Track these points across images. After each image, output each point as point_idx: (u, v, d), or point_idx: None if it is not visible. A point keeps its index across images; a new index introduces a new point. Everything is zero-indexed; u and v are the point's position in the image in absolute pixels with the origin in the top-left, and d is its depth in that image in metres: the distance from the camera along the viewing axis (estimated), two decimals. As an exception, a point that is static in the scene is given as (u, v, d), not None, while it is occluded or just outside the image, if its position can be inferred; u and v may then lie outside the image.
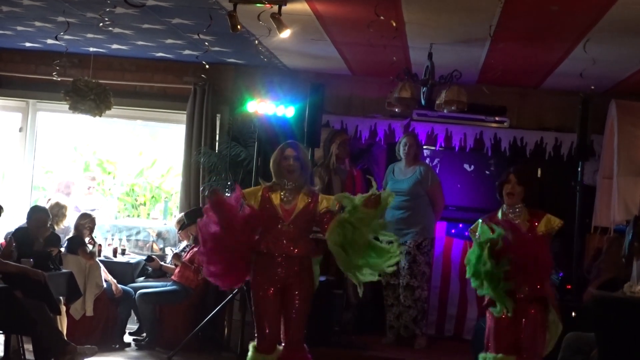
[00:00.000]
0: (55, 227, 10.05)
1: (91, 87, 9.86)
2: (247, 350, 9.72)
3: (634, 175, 10.02)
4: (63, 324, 9.34)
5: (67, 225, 10.72)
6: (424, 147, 10.82)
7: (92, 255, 10.02)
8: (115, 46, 10.53)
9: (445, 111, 9.88)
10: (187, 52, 10.43)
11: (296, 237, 6.79)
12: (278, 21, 7.50)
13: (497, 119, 10.98)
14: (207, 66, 10.03)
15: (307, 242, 6.89)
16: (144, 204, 13.53)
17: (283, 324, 6.80)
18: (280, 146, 7.03)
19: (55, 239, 9.68)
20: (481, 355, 6.98)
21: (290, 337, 6.78)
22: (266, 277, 6.77)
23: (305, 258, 6.83)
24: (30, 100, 11.69)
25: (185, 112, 11.21)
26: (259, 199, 6.83)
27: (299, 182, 6.88)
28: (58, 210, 10.21)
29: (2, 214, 9.22)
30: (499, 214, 7.11)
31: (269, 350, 6.77)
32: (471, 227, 7.30)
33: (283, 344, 6.80)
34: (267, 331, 6.77)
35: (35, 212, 9.56)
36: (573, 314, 8.45)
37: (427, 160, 11.04)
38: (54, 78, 10.13)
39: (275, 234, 6.78)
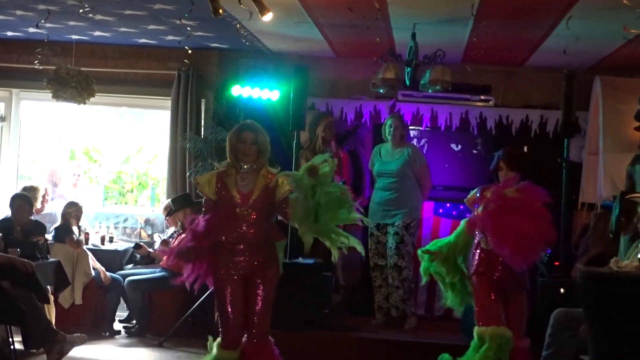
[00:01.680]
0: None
1: (72, 75, 9.85)
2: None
3: (619, 151, 10.03)
4: (52, 313, 9.33)
5: (52, 212, 10.70)
6: (410, 127, 10.81)
7: (79, 243, 10.01)
8: (97, 33, 10.48)
9: (430, 91, 9.90)
10: (170, 37, 10.39)
11: (256, 222, 6.50)
12: (259, 4, 7.45)
13: (482, 97, 11.00)
14: (190, 51, 10.00)
15: (268, 226, 6.62)
16: (131, 191, 13.52)
17: (246, 315, 6.50)
18: (237, 127, 6.74)
19: (40, 227, 9.64)
20: (477, 329, 7.10)
21: (254, 329, 6.49)
22: (228, 267, 6.48)
23: (267, 244, 6.58)
24: (14, 90, 11.62)
25: (169, 98, 11.18)
26: (214, 188, 6.56)
27: (257, 164, 6.62)
28: (31, 194, 10.13)
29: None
30: (493, 188, 7.26)
31: (234, 346, 6.49)
32: (468, 197, 7.46)
33: (246, 337, 6.52)
34: (232, 325, 6.48)
35: (15, 200, 9.54)
36: (561, 290, 8.48)
37: (414, 141, 11.05)
38: (37, 67, 10.09)
39: (234, 221, 6.48)
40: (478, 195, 7.32)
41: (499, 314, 7.02)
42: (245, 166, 6.59)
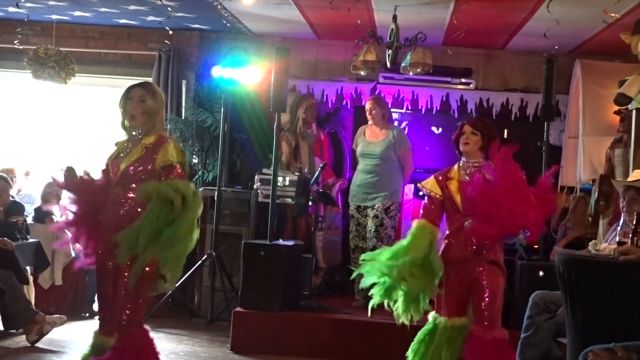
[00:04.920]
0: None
1: (50, 55, 9.80)
2: (218, 317, 9.82)
3: (599, 134, 10.08)
4: (31, 294, 9.32)
5: (30, 193, 10.66)
6: (391, 110, 10.79)
7: (59, 224, 9.97)
8: (77, 13, 10.43)
9: (411, 74, 9.91)
10: (150, 18, 10.35)
11: (122, 201, 5.65)
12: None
13: (463, 80, 11.01)
14: (170, 32, 9.97)
15: (137, 207, 5.60)
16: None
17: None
18: (128, 87, 5.91)
19: (18, 208, 9.61)
20: (432, 315, 6.72)
21: (118, 317, 5.63)
22: (104, 249, 5.72)
23: None
24: (-7, 69, 11.60)
25: (150, 78, 11.12)
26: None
27: (145, 130, 5.74)
28: (9, 176, 10.09)
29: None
30: (455, 168, 6.81)
31: (109, 332, 5.74)
32: (422, 182, 6.94)
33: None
34: (106, 310, 5.78)
35: (-5, 181, 9.52)
36: (540, 273, 8.52)
37: (395, 123, 11.06)
38: (17, 46, 10.04)
39: (109, 198, 5.72)
40: (440, 178, 6.81)
41: (460, 305, 6.65)
42: (133, 132, 5.77)
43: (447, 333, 6.60)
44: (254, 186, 9.85)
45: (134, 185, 5.62)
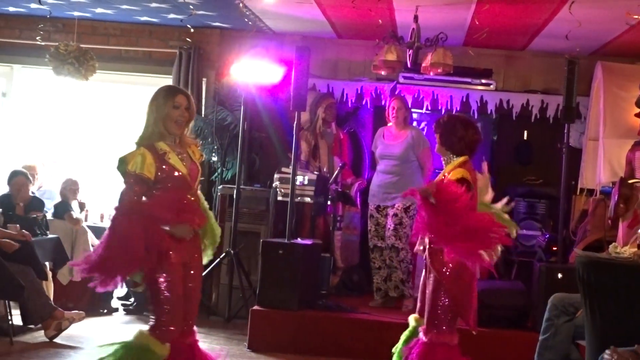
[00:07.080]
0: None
1: (70, 51, 9.83)
2: (236, 315, 9.83)
3: (619, 137, 10.04)
4: (50, 290, 9.36)
5: (49, 189, 10.70)
6: (411, 110, 10.79)
7: (78, 220, 10.02)
8: (99, 10, 10.47)
9: (431, 74, 9.88)
10: (172, 16, 10.37)
11: (198, 204, 5.82)
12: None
13: (483, 81, 10.96)
14: (192, 30, 9.98)
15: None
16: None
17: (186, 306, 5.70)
18: (167, 89, 5.85)
19: (38, 203, 9.65)
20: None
21: (192, 320, 5.80)
22: (179, 256, 5.63)
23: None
24: (15, 65, 11.63)
25: (171, 76, 11.16)
26: (154, 165, 5.55)
27: (182, 136, 5.79)
28: (30, 172, 10.13)
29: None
30: None
31: (171, 339, 5.65)
32: None
33: (185, 330, 5.74)
34: (177, 316, 5.61)
35: (14, 176, 9.53)
36: (559, 275, 8.50)
37: (414, 124, 11.05)
38: (39, 42, 10.08)
39: (185, 205, 5.67)
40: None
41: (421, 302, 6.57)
42: (177, 139, 5.75)
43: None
44: (273, 185, 9.86)
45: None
